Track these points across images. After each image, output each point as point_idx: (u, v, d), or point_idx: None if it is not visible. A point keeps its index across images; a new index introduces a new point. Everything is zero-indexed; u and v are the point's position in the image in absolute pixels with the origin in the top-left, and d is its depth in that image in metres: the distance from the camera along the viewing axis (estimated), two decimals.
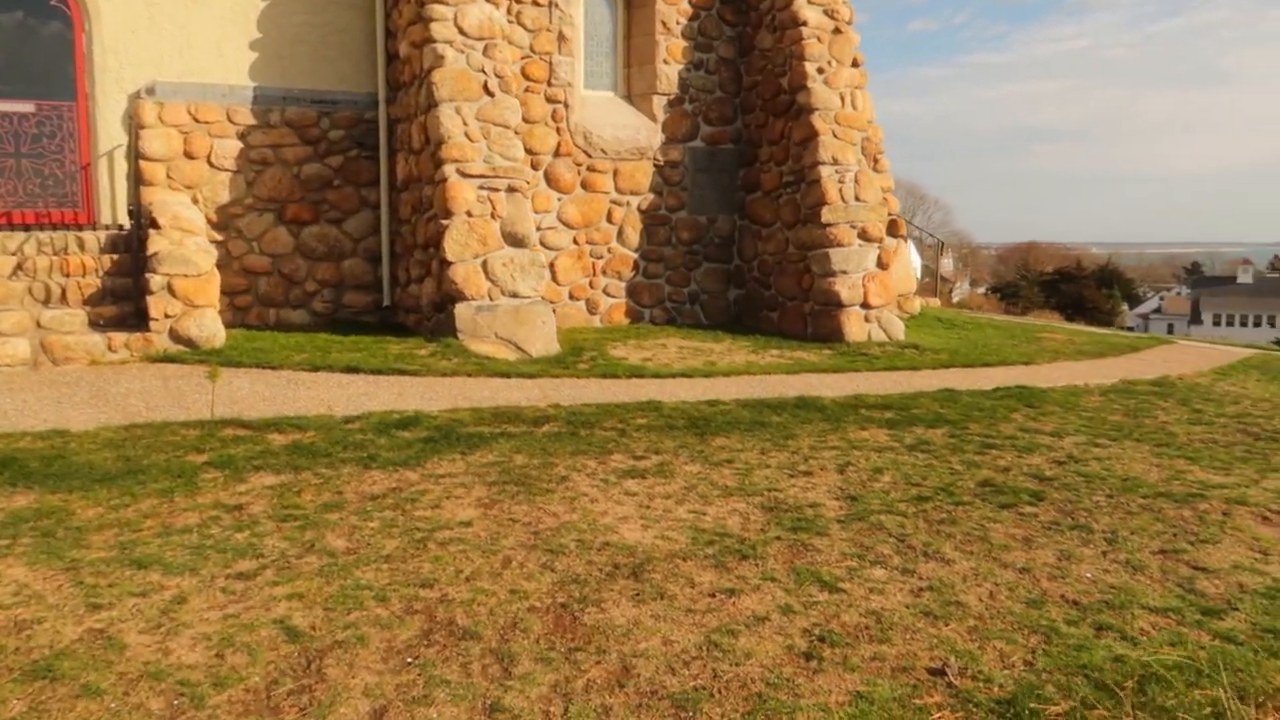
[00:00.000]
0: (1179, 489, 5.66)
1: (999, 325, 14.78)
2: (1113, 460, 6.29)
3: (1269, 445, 7.02)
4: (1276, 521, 5.21)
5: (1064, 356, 11.50)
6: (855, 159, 11.68)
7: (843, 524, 4.81)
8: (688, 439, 6.41)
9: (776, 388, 8.36)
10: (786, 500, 5.17)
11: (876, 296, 11.41)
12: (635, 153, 12.02)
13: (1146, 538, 4.79)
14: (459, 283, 9.47)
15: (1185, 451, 6.62)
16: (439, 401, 7.25)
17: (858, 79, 12.02)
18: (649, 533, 4.60)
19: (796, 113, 11.76)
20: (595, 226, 11.90)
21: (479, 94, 10.04)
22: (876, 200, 11.75)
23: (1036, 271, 64.59)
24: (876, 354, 10.48)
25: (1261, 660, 3.49)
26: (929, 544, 4.56)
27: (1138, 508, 5.28)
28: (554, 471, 5.54)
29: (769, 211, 12.23)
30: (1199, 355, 12.73)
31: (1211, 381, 10.06)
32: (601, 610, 3.71)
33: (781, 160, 12.04)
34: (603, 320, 12.04)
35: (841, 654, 3.41)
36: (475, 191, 9.73)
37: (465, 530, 4.54)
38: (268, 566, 4.04)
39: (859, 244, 11.45)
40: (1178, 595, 4.07)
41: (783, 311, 11.98)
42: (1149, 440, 6.94)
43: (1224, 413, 8.23)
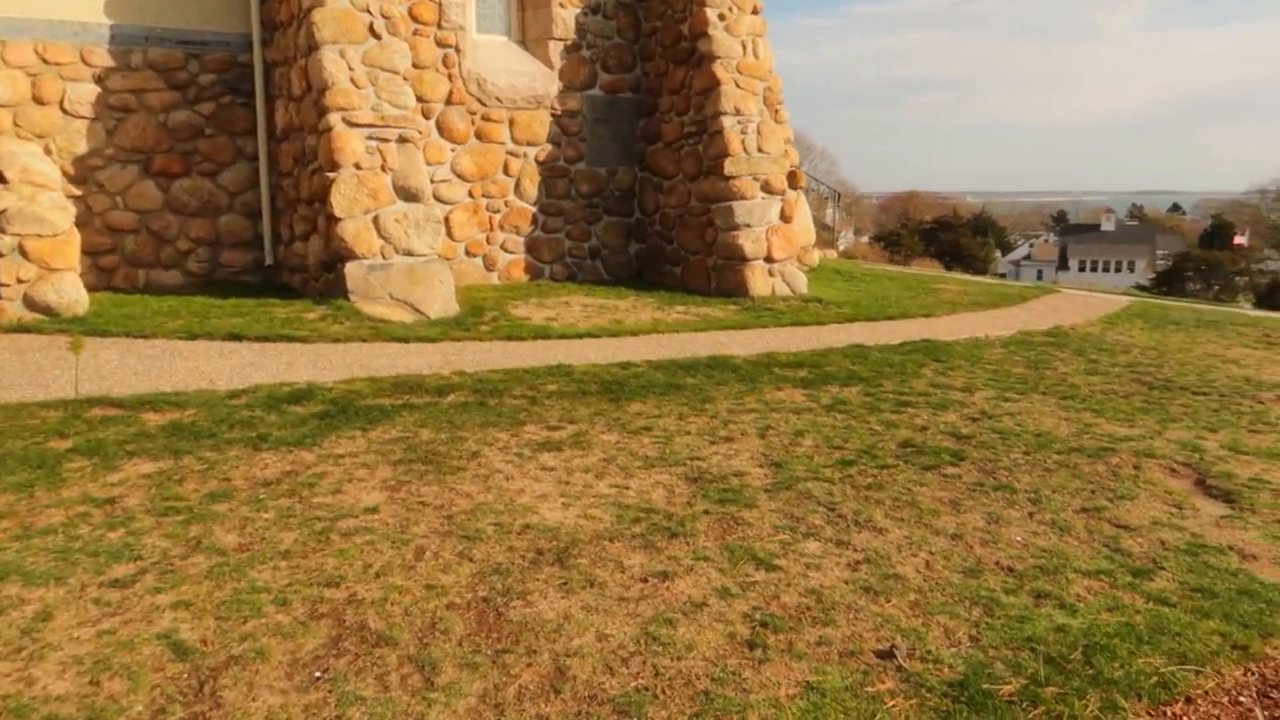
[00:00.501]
0: (1090, 443, 5.72)
1: (894, 277, 14.96)
2: (1024, 415, 6.33)
3: (1163, 394, 7.22)
4: (1184, 473, 5.31)
5: (961, 308, 11.68)
6: (758, 109, 11.47)
7: (770, 494, 4.65)
8: (602, 405, 6.14)
9: (687, 347, 8.16)
10: (710, 470, 4.97)
11: (780, 250, 11.31)
12: (532, 101, 11.52)
13: (1067, 496, 4.79)
14: (349, 240, 8.89)
15: (1089, 404, 6.73)
16: (333, 371, 6.77)
17: (759, 26, 11.76)
18: (571, 512, 4.34)
19: (698, 61, 11.44)
20: (491, 179, 11.39)
21: (364, 36, 9.36)
22: (779, 152, 11.60)
23: (916, 220, 66.57)
24: (782, 309, 10.40)
25: (1195, 622, 3.48)
26: (859, 512, 4.43)
27: (1054, 464, 5.30)
28: (464, 446, 5.20)
29: (670, 163, 11.94)
30: (1083, 304, 13.16)
31: (1101, 331, 10.37)
32: (528, 604, 3.44)
33: (683, 110, 11.74)
34: (501, 277, 11.60)
35: (786, 640, 3.23)
36: (364, 142, 9.11)
37: (372, 518, 4.17)
38: (148, 571, 3.60)
39: (762, 196, 11.30)
40: (1106, 556, 4.06)
41: (686, 266, 11.78)
42: (1054, 393, 7.03)
43: (1117, 362, 8.46)
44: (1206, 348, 9.73)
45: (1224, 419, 6.52)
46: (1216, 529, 4.47)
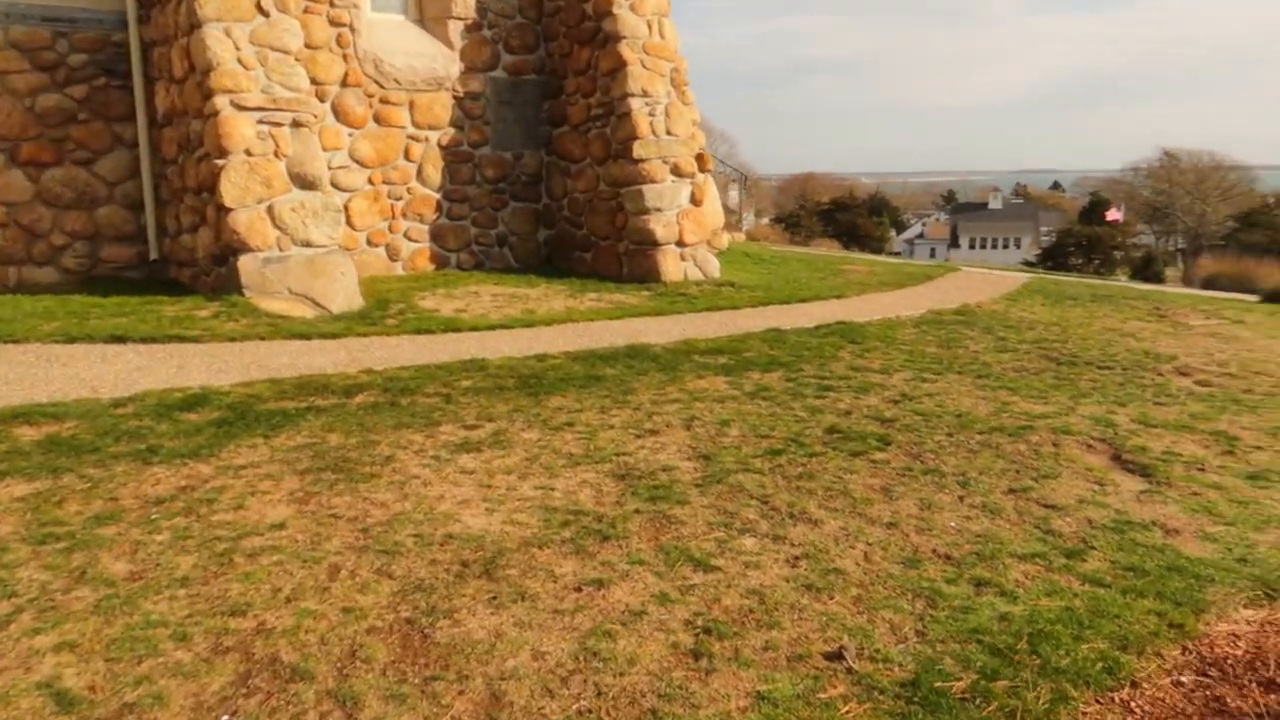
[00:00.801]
0: (1009, 422, 5.77)
1: (803, 259, 15.06)
2: (943, 396, 6.36)
3: (1070, 370, 7.37)
4: (1100, 449, 5.39)
5: (870, 288, 11.79)
6: (665, 90, 11.30)
7: (701, 488, 4.51)
8: (521, 401, 5.90)
9: (604, 336, 7.97)
10: (638, 465, 4.81)
11: (691, 234, 11.19)
12: (432, 83, 11.09)
13: (994, 477, 4.79)
14: (241, 232, 8.38)
15: (1004, 382, 6.81)
16: (229, 373, 6.34)
17: (663, 6, 11.58)
18: (495, 517, 4.11)
19: (603, 41, 11.20)
20: (392, 165, 10.93)
21: (252, 13, 8.81)
22: (687, 134, 11.47)
23: (814, 201, 67.80)
24: (695, 294, 10.29)
25: (1131, 602, 3.48)
26: (793, 504, 4.33)
27: (977, 445, 5.31)
28: (376, 451, 4.90)
29: (578, 147, 11.68)
30: (985, 282, 13.48)
31: (1005, 308, 10.59)
32: (456, 623, 3.21)
33: (589, 92, 11.49)
34: (406, 267, 11.17)
35: (732, 647, 3.09)
36: (254, 127, 8.59)
37: (279, 535, 3.86)
38: (24, 609, 3.23)
39: (672, 180, 11.15)
40: (1039, 538, 4.05)
41: (596, 252, 11.56)
42: (969, 372, 7.10)
43: (1024, 339, 8.63)
44: (1104, 322, 10.03)
45: (1130, 393, 6.69)
46: (1138, 504, 4.53)
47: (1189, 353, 8.43)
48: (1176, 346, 8.72)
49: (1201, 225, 66.10)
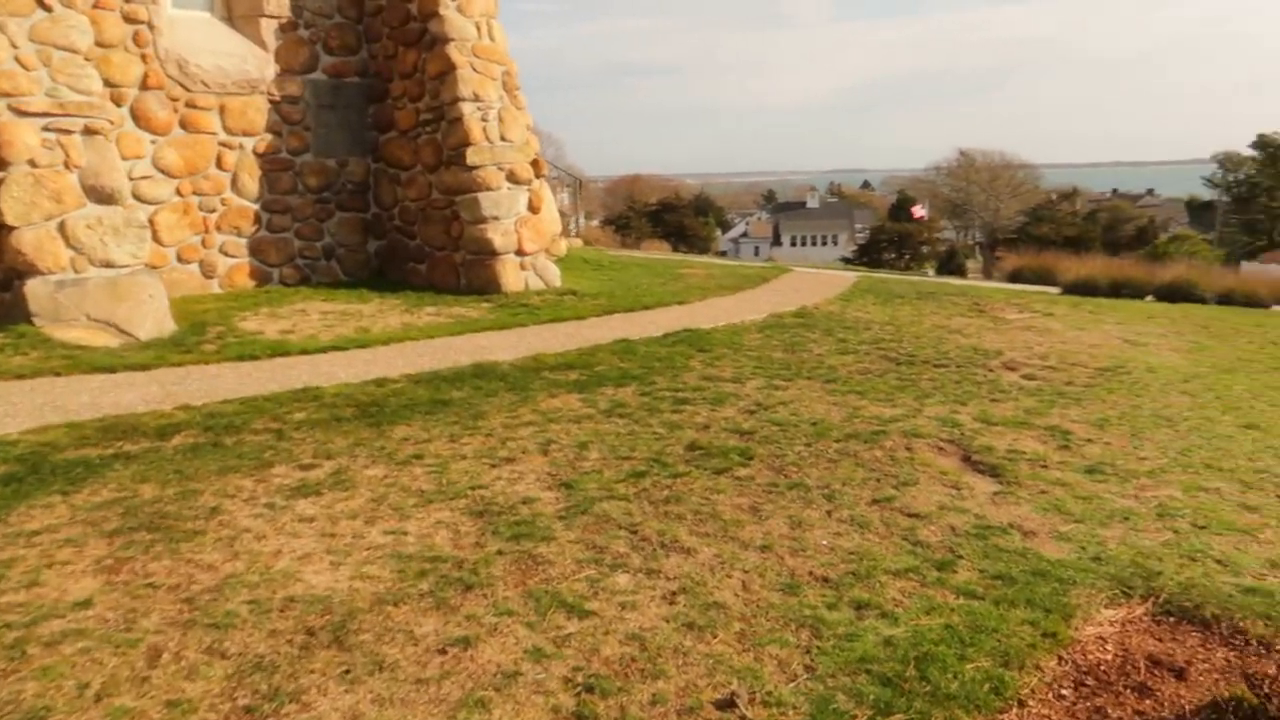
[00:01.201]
0: (862, 427, 5.82)
1: (642, 264, 15.03)
2: (796, 403, 6.36)
3: (910, 370, 7.58)
4: (950, 450, 5.51)
5: (710, 293, 11.85)
6: (497, 95, 10.95)
7: (566, 521, 4.25)
8: (362, 433, 5.46)
9: (446, 354, 7.57)
10: (496, 499, 4.50)
11: (531, 242, 10.90)
12: (245, 86, 10.29)
13: (857, 488, 4.78)
14: (28, 253, 7.44)
15: (851, 386, 6.90)
16: (18, 418, 5.56)
17: (490, 7, 11.22)
18: (342, 572, 3.71)
19: (430, 43, 10.72)
20: (203, 174, 10.07)
21: (30, 7, 7.84)
22: (522, 139, 11.16)
23: (642, 203, 68.78)
24: (538, 304, 10.01)
25: (1005, 613, 3.50)
26: (663, 532, 4.15)
27: (836, 454, 5.31)
28: (199, 503, 4.37)
29: (408, 153, 11.15)
30: (818, 282, 13.85)
31: (841, 309, 10.87)
32: (304, 706, 2.83)
33: (417, 96, 10.98)
34: (223, 285, 10.32)
35: (618, 705, 2.86)
36: (39, 134, 7.65)
37: (84, 615, 3.33)
38: None
39: (508, 187, 10.82)
40: (908, 551, 4.04)
41: (432, 262, 11.08)
42: (817, 377, 7.16)
43: (863, 340, 8.84)
44: (932, 319, 10.46)
45: (968, 390, 6.92)
46: (994, 506, 4.62)
47: (1012, 347, 8.88)
48: (1000, 341, 9.17)
49: (996, 220, 71.41)
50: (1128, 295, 14.52)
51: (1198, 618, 3.59)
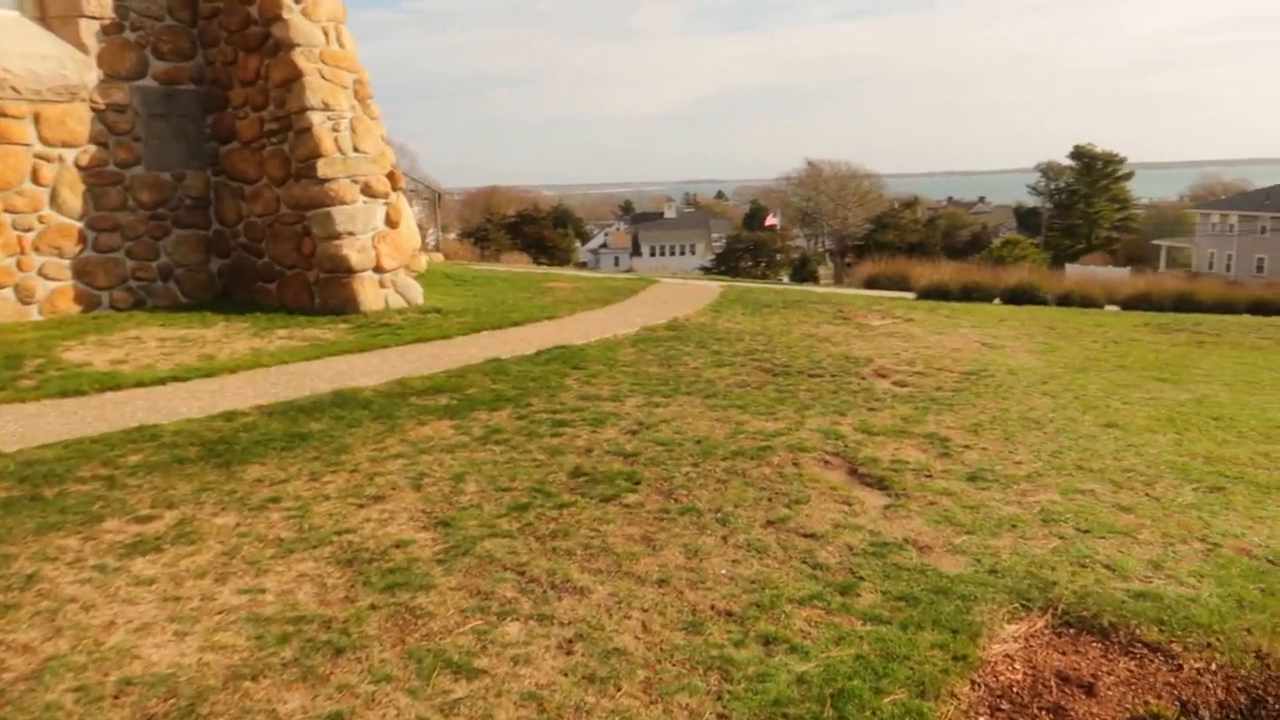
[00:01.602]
0: (748, 444, 5.68)
1: (507, 278, 14.64)
2: (678, 421, 6.18)
3: (787, 381, 7.54)
4: (836, 464, 5.44)
5: (579, 306, 11.60)
6: (349, 104, 10.39)
7: (445, 565, 3.90)
8: (209, 476, 4.91)
9: (303, 381, 7.02)
10: (366, 545, 4.10)
11: (390, 258, 10.38)
12: (63, 92, 9.37)
13: (749, 509, 4.62)
14: None
15: (732, 400, 6.78)
16: None
17: (339, 12, 10.65)
18: (189, 644, 3.25)
19: (274, 48, 10.06)
20: (16, 189, 9.09)
21: None
22: (377, 150, 10.63)
23: (500, 215, 68.16)
24: (400, 324, 9.51)
25: (914, 638, 3.38)
26: (553, 571, 3.85)
27: (724, 473, 5.15)
28: (13, 569, 3.77)
29: (252, 166, 10.43)
30: (685, 293, 13.82)
31: (712, 320, 10.82)
32: None
33: (260, 105, 10.29)
34: (44, 311, 9.34)
35: None
36: None
37: None
38: None
39: (364, 200, 10.27)
40: (809, 575, 3.89)
41: (283, 282, 10.39)
42: (697, 392, 7.01)
43: (737, 351, 8.78)
44: (801, 328, 10.54)
45: (845, 400, 6.92)
46: (887, 521, 4.54)
47: (880, 354, 9.01)
48: (869, 349, 9.29)
49: (845, 228, 74.24)
50: (977, 298, 15.16)
51: (1096, 627, 3.57)
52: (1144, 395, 7.58)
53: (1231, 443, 6.16)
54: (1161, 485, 5.18)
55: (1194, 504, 4.89)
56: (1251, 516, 4.74)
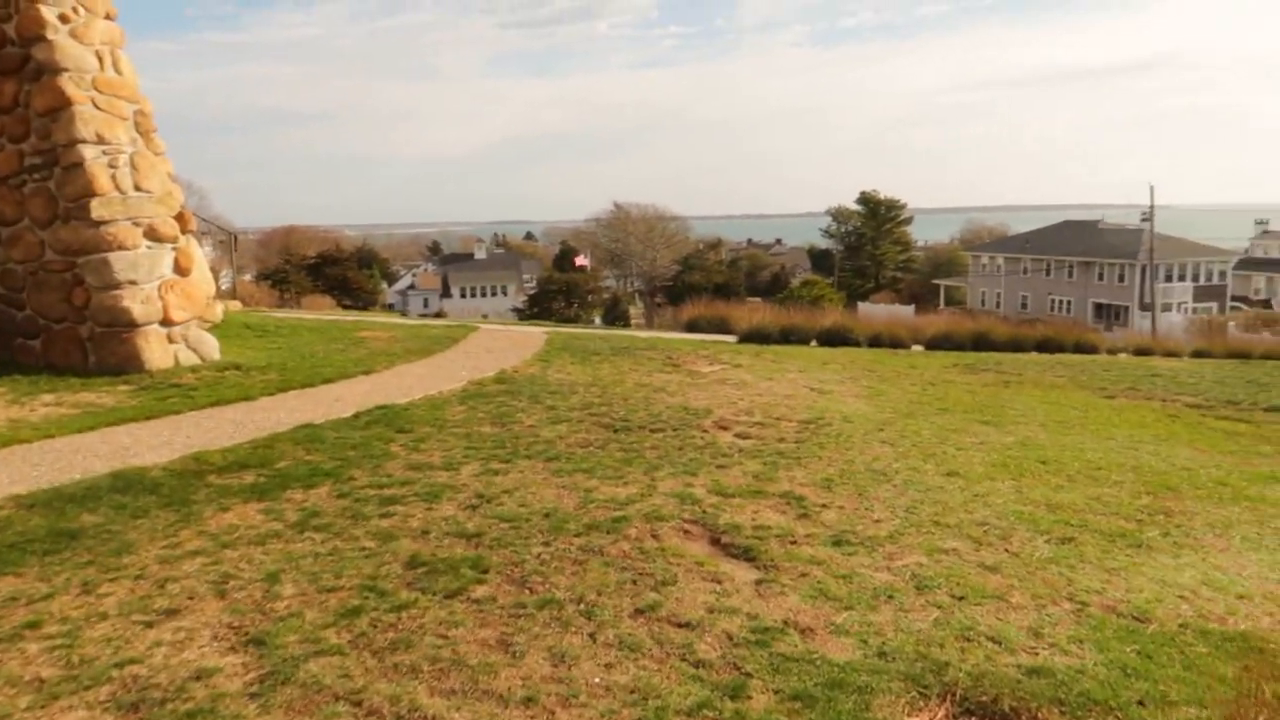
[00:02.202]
0: (600, 515, 5.24)
1: (314, 327, 13.57)
2: (522, 491, 5.65)
3: (629, 438, 7.17)
4: (697, 533, 5.08)
5: (398, 358, 10.82)
6: (129, 137, 9.25)
7: (261, 700, 3.20)
8: None
9: (73, 461, 5.96)
10: (156, 679, 3.32)
11: (180, 309, 9.26)
12: None
13: (614, 595, 4.16)
14: None
15: (576, 463, 6.32)
16: None
17: (115, 36, 9.52)
18: None
19: (35, 72, 8.82)
20: None
21: None
22: (163, 189, 9.52)
23: (300, 255, 65.18)
24: (193, 384, 8.45)
25: None
26: (396, 698, 3.24)
27: (580, 551, 4.67)
28: None
29: (10, 205, 9.07)
30: (509, 341, 13.26)
31: (542, 371, 10.33)
32: None
33: (20, 136, 8.98)
34: None
35: None
36: None
37: None
38: None
39: (148, 245, 9.14)
40: (693, 676, 3.47)
41: (49, 338, 9.05)
42: (538, 455, 6.50)
43: (573, 406, 8.34)
44: (633, 377, 10.24)
45: (692, 458, 6.61)
46: (762, 600, 4.21)
47: (717, 403, 8.82)
48: (705, 398, 9.09)
49: (653, 269, 75.81)
50: (796, 340, 15.46)
51: (997, 713, 3.35)
52: (973, 439, 7.74)
53: (1065, 488, 6.31)
54: (1017, 539, 5.15)
55: (1051, 558, 4.86)
56: (1105, 568, 4.76)
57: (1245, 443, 8.25)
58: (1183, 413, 9.63)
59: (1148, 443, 8.03)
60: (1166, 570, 4.79)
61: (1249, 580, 4.72)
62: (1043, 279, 54.29)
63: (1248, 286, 57.21)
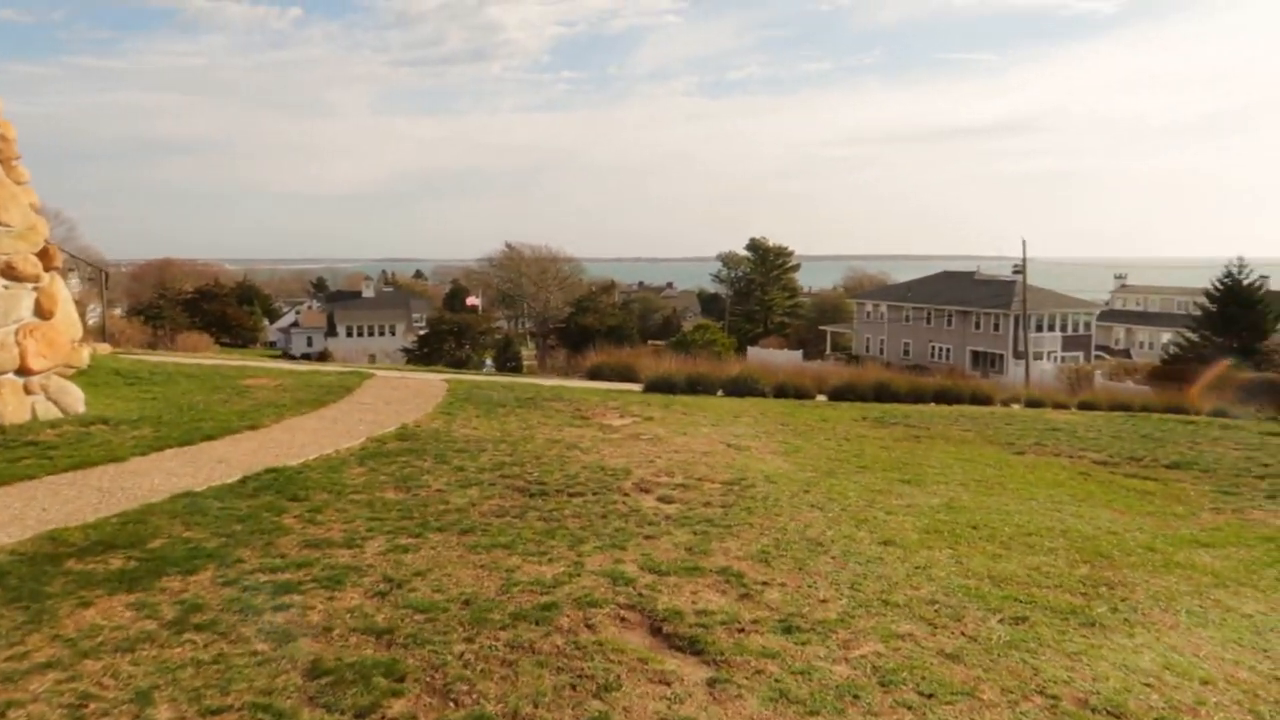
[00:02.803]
0: (527, 601, 4.72)
1: (193, 373, 12.54)
2: (436, 572, 5.08)
3: (547, 504, 6.67)
4: (635, 621, 4.62)
5: (287, 410, 10.00)
6: None
7: None
8: None
9: None
10: None
11: (40, 357, 8.30)
12: None
13: (551, 708, 3.66)
14: None
15: (493, 536, 5.77)
16: None
17: None
18: None
19: None
20: None
21: None
22: (24, 223, 8.57)
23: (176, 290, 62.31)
24: (53, 441, 7.52)
25: None
26: None
27: (507, 649, 4.15)
28: None
29: None
30: (408, 390, 12.54)
31: (446, 425, 9.70)
32: None
33: None
34: None
35: None
36: None
37: None
38: None
39: (4, 285, 8.18)
40: None
41: None
42: (450, 526, 5.92)
43: (484, 466, 7.77)
44: (544, 432, 9.72)
45: (618, 527, 6.16)
46: (719, 706, 3.78)
47: (634, 462, 8.40)
48: (621, 456, 8.66)
49: (546, 310, 75.26)
50: (702, 390, 15.22)
51: None
52: (900, 501, 7.53)
53: (1002, 556, 6.11)
54: (970, 619, 4.88)
55: (1010, 641, 4.60)
56: (1065, 653, 4.52)
57: (1158, 503, 8.32)
58: (1092, 470, 9.71)
59: (1067, 503, 7.99)
60: (1125, 653, 4.58)
61: (1208, 662, 4.55)
62: (924, 327, 56.20)
63: (1109, 337, 60.62)
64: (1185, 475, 9.61)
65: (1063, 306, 53.36)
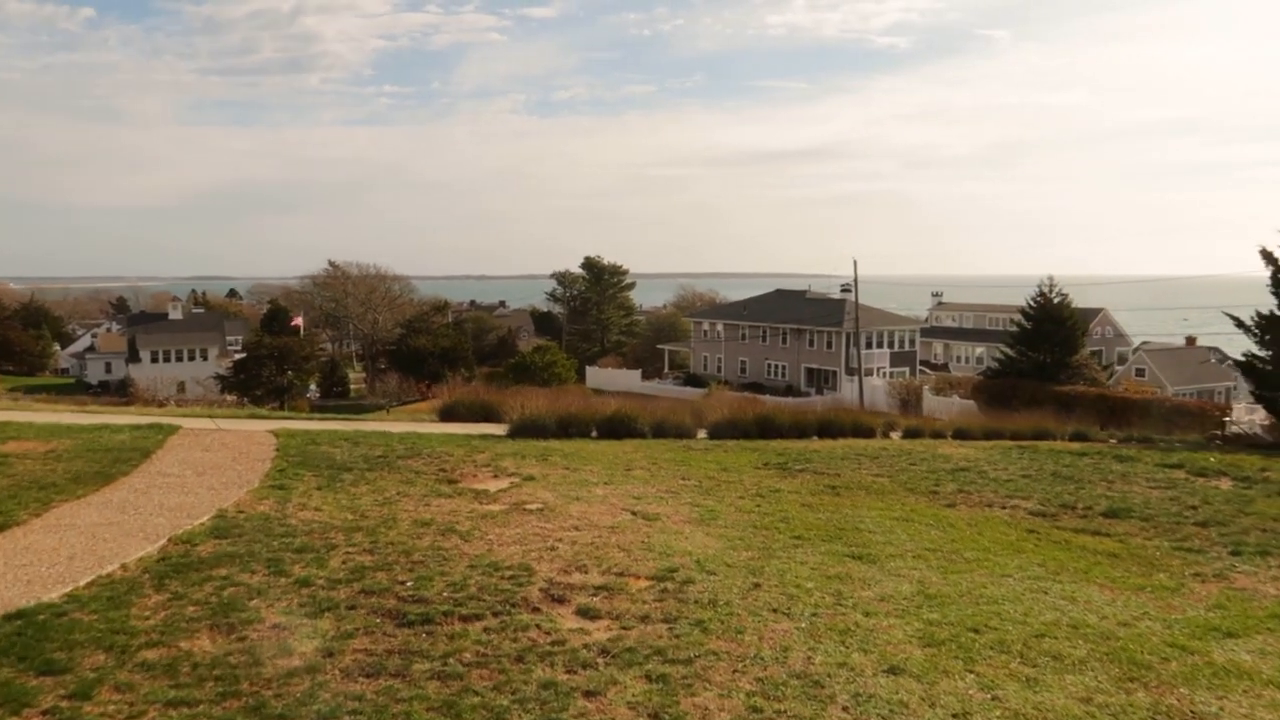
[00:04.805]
0: None
1: None
2: None
3: (433, 641, 4.89)
4: None
5: (58, 493, 7.55)
6: None
7: None
8: None
9: None
10: None
11: None
12: None
13: None
14: None
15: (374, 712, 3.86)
16: None
17: None
18: None
19: None
20: None
21: None
22: None
23: None
24: None
25: None
26: None
27: None
28: None
29: None
30: (225, 449, 10.15)
31: (280, 507, 7.52)
32: None
33: None
34: None
35: None
36: None
37: None
38: None
39: None
40: None
41: None
42: (295, 710, 3.95)
43: (338, 577, 5.81)
44: (408, 511, 7.74)
45: (544, 682, 4.42)
46: None
47: (532, 551, 6.62)
48: (512, 542, 6.86)
49: (374, 331, 71.20)
50: (576, 433, 13.47)
51: None
52: (869, 593, 6.13)
53: (1037, 682, 4.79)
54: None
55: None
56: None
57: (1134, 570, 7.30)
58: (1037, 526, 8.67)
59: (1045, 578, 6.81)
60: None
61: None
62: (760, 345, 56.49)
63: (929, 352, 63.07)
64: (1130, 527, 8.73)
65: (889, 324, 54.86)
